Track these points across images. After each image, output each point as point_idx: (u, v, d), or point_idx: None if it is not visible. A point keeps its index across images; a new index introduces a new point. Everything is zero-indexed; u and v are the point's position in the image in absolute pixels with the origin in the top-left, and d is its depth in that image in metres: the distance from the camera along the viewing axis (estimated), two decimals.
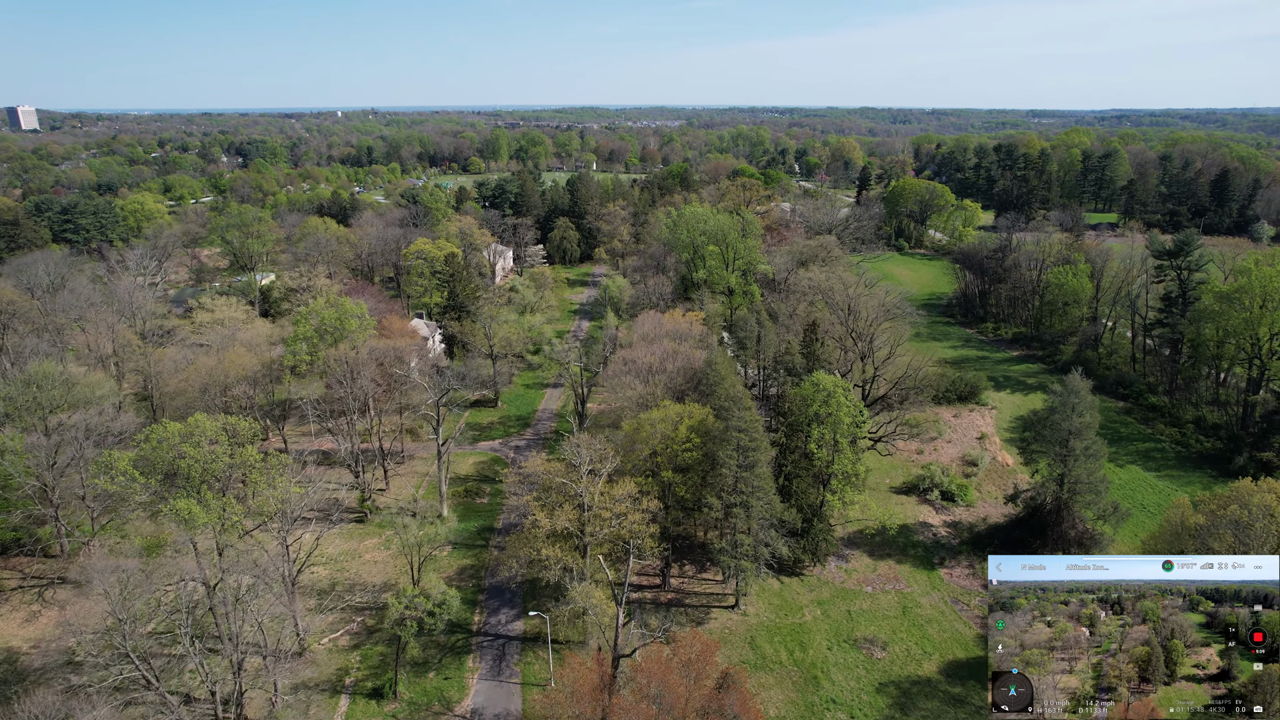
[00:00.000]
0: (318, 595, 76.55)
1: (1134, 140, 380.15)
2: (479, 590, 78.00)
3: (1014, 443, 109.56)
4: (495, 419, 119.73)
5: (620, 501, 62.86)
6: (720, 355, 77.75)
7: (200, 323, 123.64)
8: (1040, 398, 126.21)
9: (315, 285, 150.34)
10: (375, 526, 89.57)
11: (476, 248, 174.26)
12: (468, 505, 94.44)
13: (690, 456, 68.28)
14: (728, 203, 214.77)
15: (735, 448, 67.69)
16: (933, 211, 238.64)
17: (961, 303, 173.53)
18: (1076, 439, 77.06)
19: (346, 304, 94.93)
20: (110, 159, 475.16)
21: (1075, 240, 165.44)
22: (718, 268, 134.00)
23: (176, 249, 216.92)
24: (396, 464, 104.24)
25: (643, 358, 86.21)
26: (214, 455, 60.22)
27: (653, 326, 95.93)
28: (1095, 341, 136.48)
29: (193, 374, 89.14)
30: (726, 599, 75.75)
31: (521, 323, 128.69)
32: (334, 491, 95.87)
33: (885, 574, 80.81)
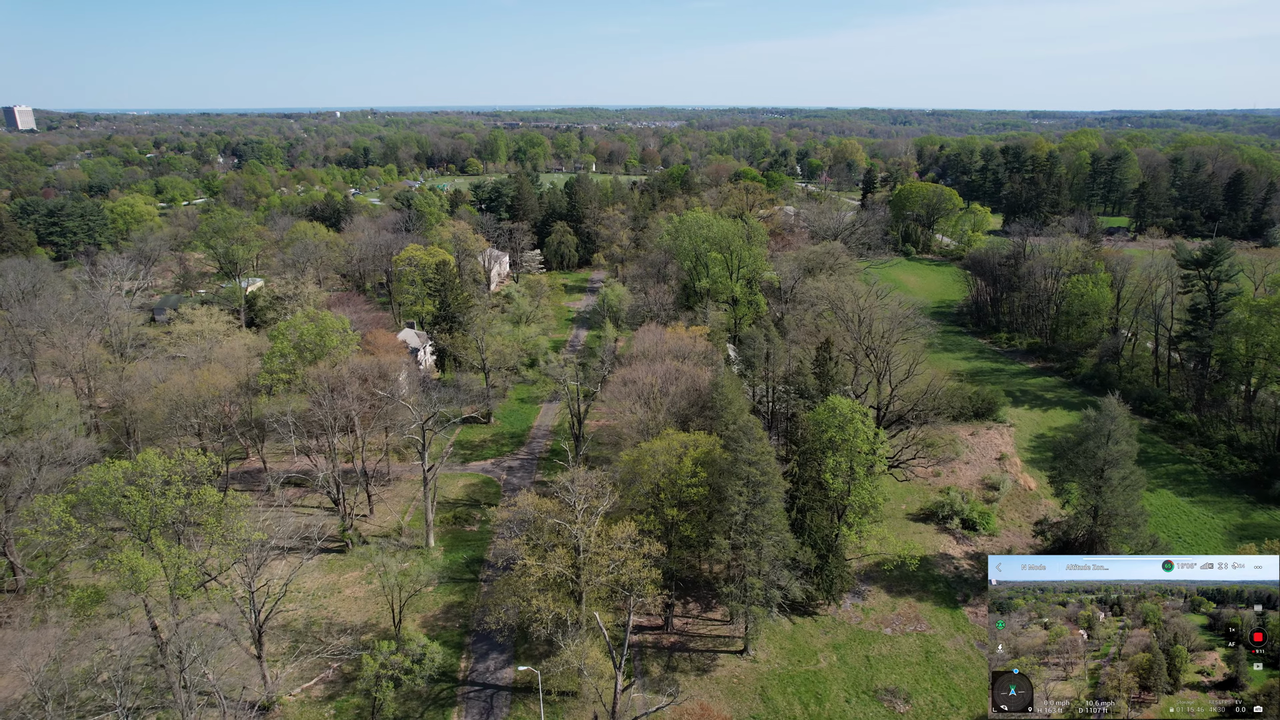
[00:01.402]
0: (292, 637, 70.61)
1: (1142, 142, 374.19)
2: (466, 632, 71.93)
3: (1036, 464, 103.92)
4: (488, 436, 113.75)
5: (619, 546, 56.90)
6: (727, 377, 71.85)
7: (178, 334, 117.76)
8: (1060, 413, 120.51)
9: (302, 293, 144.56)
10: (357, 557, 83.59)
11: (471, 254, 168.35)
12: (456, 534, 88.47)
13: (696, 492, 62.28)
14: (730, 206, 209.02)
15: (746, 482, 61.78)
16: (940, 216, 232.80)
17: (973, 311, 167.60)
18: (1113, 468, 71.26)
19: (327, 318, 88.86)
20: (104, 160, 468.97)
21: (1093, 247, 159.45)
22: (721, 276, 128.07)
23: (164, 253, 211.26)
24: (381, 486, 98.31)
25: (644, 377, 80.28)
26: (164, 499, 54.15)
27: (654, 342, 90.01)
28: (1116, 354, 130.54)
29: (164, 393, 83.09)
30: (734, 642, 69.78)
31: (516, 334, 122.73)
32: (312, 518, 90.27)
33: (905, 613, 74.83)
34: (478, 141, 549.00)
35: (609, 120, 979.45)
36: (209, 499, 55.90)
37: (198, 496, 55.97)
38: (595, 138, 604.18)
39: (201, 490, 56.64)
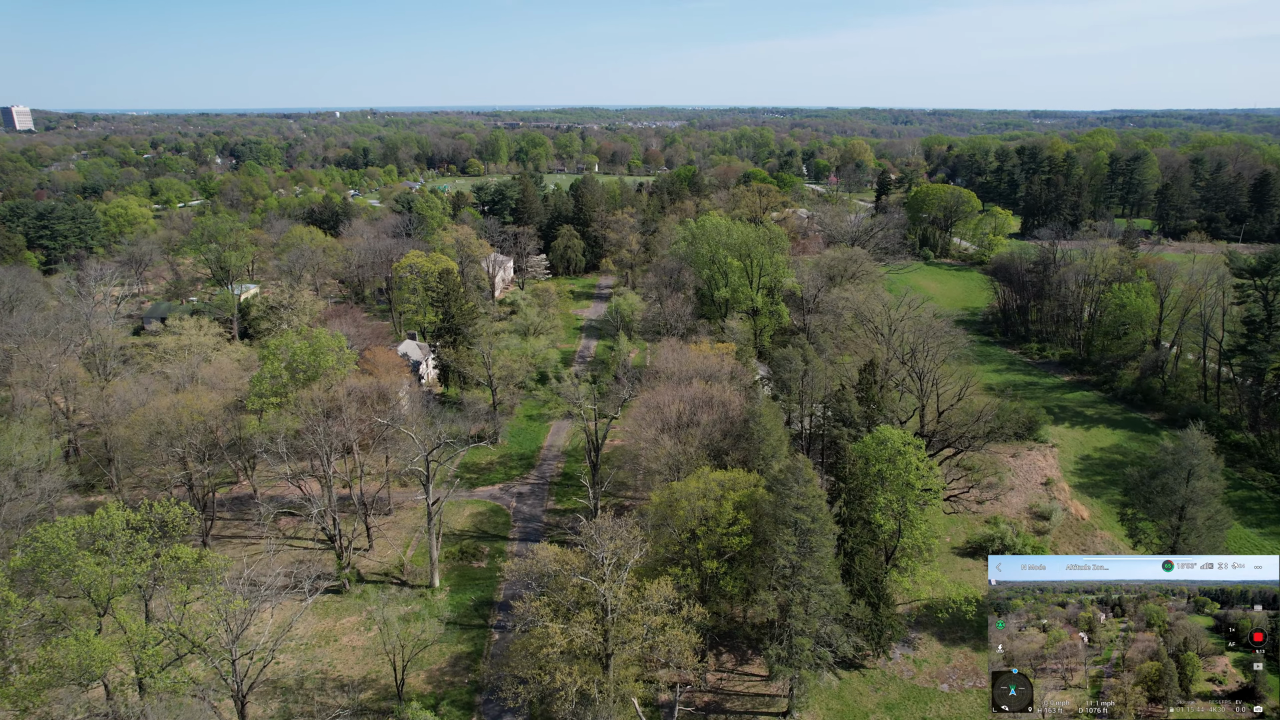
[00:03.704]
0: (281, 696, 63.38)
1: (1158, 142, 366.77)
2: (476, 690, 64.66)
3: (1085, 489, 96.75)
4: (495, 458, 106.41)
5: (655, 611, 49.59)
6: (766, 407, 64.59)
7: (164, 349, 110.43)
8: (1103, 432, 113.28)
9: (298, 303, 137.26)
10: (355, 599, 76.36)
11: (475, 259, 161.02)
12: (463, 571, 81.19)
13: (738, 542, 54.95)
14: (742, 210, 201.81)
15: (794, 530, 54.54)
16: (958, 218, 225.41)
17: (1000, 320, 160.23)
18: (1197, 507, 64.02)
19: (321, 336, 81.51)
20: (99, 160, 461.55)
21: (1130, 253, 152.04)
22: (741, 285, 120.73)
23: (157, 257, 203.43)
24: (382, 516, 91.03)
25: (669, 403, 72.97)
26: (125, 566, 46.65)
27: (677, 361, 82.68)
28: (1159, 368, 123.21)
29: (143, 419, 75.74)
30: (777, 702, 62.49)
31: (524, 348, 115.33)
32: (307, 553, 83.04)
33: (961, 665, 67.56)
34: (478, 142, 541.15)
35: (609, 120, 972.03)
36: (183, 557, 48.52)
37: (169, 556, 48.65)
38: (597, 138, 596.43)
39: (174, 549, 49.18)
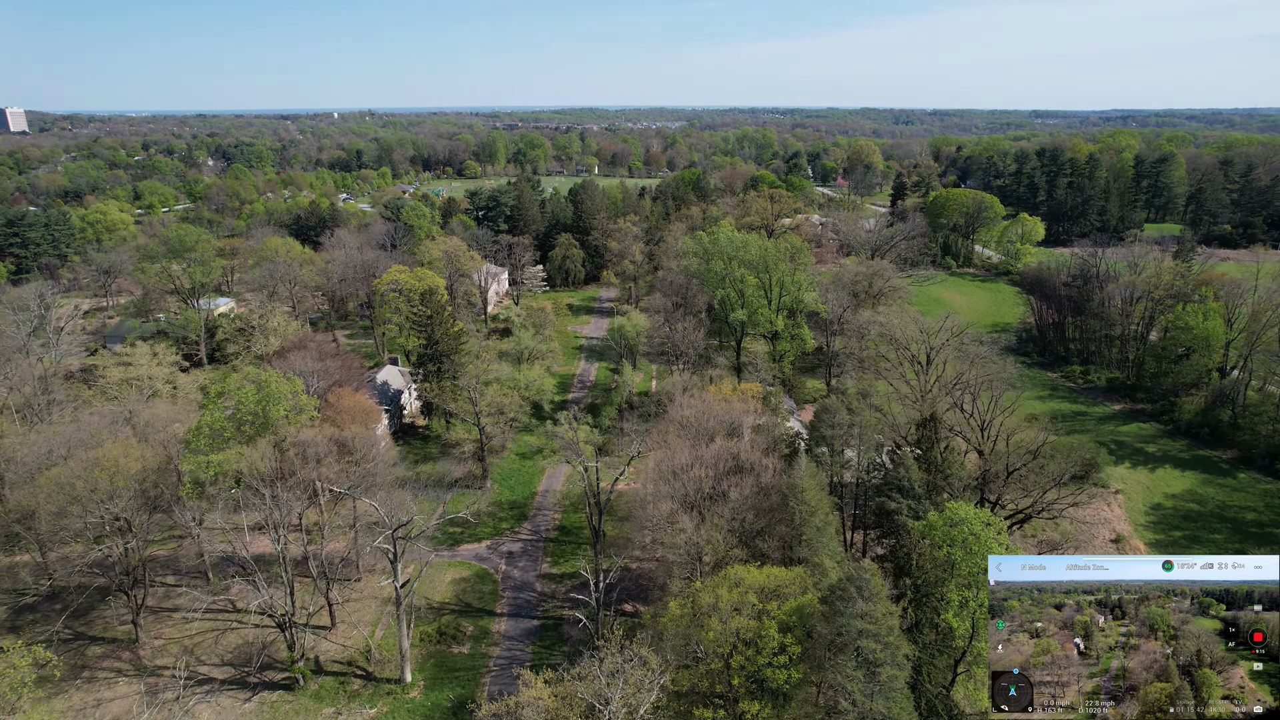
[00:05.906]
0: None
1: (1183, 143, 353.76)
2: None
3: (1163, 547, 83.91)
4: (482, 507, 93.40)
5: None
6: (810, 480, 51.80)
7: (109, 382, 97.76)
8: (1171, 474, 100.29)
9: (269, 324, 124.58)
10: (309, 698, 63.65)
11: (465, 274, 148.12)
12: (440, 658, 68.33)
13: (784, 675, 42.10)
14: (753, 217, 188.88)
15: (858, 661, 41.74)
16: (981, 225, 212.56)
17: (1036, 339, 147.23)
18: None
19: (272, 381, 68.52)
20: (88, 163, 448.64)
21: (1184, 266, 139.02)
22: (760, 306, 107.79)
23: (131, 267, 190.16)
24: (349, 583, 78.10)
25: (686, 465, 60.05)
26: None
27: (694, 408, 69.69)
28: (1227, 398, 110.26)
29: (51, 483, 62.83)
30: None
31: (517, 379, 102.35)
32: (257, 631, 70.07)
33: None
34: (476, 143, 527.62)
35: (609, 120, 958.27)
36: None
37: None
38: (596, 139, 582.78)
39: None
